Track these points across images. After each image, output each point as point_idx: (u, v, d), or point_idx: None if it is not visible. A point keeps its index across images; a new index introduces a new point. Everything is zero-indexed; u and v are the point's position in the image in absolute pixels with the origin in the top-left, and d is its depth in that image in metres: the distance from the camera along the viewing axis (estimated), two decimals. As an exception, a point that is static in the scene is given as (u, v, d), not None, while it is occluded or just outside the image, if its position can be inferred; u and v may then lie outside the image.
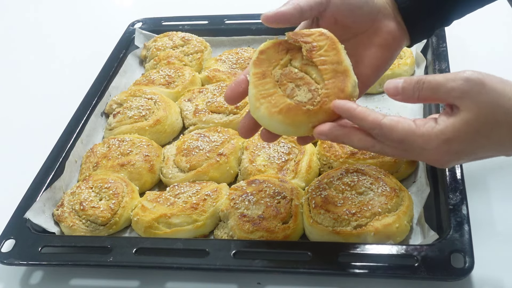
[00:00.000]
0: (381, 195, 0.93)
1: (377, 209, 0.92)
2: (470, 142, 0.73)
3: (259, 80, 0.82)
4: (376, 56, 0.91)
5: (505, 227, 0.95)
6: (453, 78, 0.72)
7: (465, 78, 0.72)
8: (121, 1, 1.97)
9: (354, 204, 0.93)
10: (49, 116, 1.36)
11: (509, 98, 0.71)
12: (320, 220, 0.93)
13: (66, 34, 1.74)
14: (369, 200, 0.93)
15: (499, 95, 0.71)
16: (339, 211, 0.92)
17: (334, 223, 0.92)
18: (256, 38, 1.47)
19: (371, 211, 0.91)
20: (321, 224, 0.93)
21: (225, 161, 1.10)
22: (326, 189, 0.97)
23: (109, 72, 1.37)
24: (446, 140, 0.73)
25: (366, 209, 0.92)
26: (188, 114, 1.24)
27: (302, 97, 0.81)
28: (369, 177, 0.96)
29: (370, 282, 0.89)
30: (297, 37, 0.83)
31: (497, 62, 1.33)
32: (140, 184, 1.11)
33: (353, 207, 0.92)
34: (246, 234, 0.95)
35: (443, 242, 0.86)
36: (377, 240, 0.90)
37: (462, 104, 0.72)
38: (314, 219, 0.94)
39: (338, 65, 0.81)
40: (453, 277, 0.82)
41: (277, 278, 0.92)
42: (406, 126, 0.74)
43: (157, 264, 0.91)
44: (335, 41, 0.82)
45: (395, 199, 0.93)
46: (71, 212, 1.04)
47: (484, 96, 0.71)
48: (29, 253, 0.95)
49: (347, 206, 0.93)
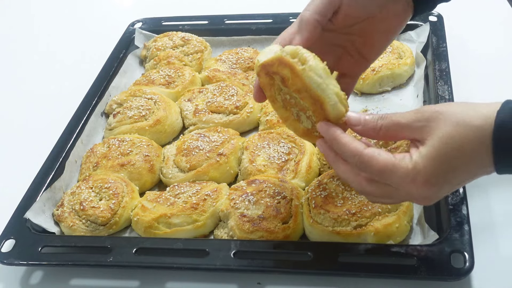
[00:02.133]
0: None
1: (377, 209, 0.92)
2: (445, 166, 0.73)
3: (274, 104, 0.87)
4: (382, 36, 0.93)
5: (505, 227, 0.95)
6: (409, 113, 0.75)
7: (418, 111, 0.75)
8: (121, 1, 1.97)
9: (354, 204, 0.93)
10: (49, 116, 1.36)
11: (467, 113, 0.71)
12: (320, 220, 0.94)
13: (66, 34, 1.74)
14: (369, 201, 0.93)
15: (457, 115, 0.72)
16: (339, 211, 0.92)
17: (334, 223, 0.92)
18: (256, 38, 1.47)
19: (371, 211, 0.92)
20: (321, 224, 0.93)
21: (225, 161, 1.10)
22: (326, 189, 0.97)
23: (109, 72, 1.37)
24: (421, 170, 0.73)
25: (366, 209, 0.92)
26: (188, 114, 1.24)
27: (307, 124, 0.84)
28: None
29: (370, 282, 0.89)
30: (265, 70, 0.82)
31: (497, 62, 1.33)
32: (140, 184, 1.11)
33: (353, 207, 0.92)
34: (246, 234, 0.95)
35: (443, 242, 0.86)
36: (377, 240, 0.90)
37: (424, 134, 0.73)
38: (314, 219, 0.94)
39: (308, 92, 0.78)
40: (453, 277, 0.82)
41: (277, 278, 0.92)
42: (386, 157, 0.75)
43: (157, 264, 0.91)
44: (293, 66, 0.78)
45: None
46: (71, 212, 1.04)
47: (443, 121, 0.72)
48: (29, 253, 0.95)
49: (347, 206, 0.93)
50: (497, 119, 0.70)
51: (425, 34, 1.31)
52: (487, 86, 1.26)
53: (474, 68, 1.31)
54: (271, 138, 1.12)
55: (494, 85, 1.26)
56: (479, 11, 0.95)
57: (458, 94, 1.13)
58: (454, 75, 1.17)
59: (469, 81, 1.26)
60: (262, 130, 1.19)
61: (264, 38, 1.46)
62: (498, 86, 1.25)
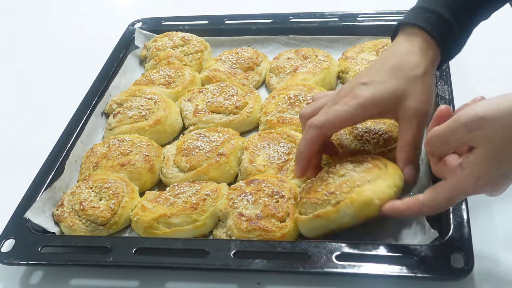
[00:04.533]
0: (362, 172, 0.90)
1: (356, 183, 0.88)
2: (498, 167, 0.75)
3: None
4: None
5: (505, 228, 0.95)
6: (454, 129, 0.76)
7: (463, 124, 0.75)
8: (121, 1, 1.97)
9: (334, 185, 0.90)
10: (49, 116, 1.37)
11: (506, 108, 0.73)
12: (304, 210, 0.92)
13: (66, 33, 1.74)
14: (349, 178, 0.90)
15: (498, 117, 0.73)
16: (319, 195, 0.90)
17: (316, 207, 0.90)
18: (256, 38, 1.47)
19: (350, 186, 0.88)
20: (305, 214, 0.92)
21: (225, 161, 1.10)
22: (311, 182, 0.96)
23: (109, 72, 1.37)
24: (477, 179, 0.76)
25: (345, 186, 0.89)
26: (188, 114, 1.24)
27: None
28: (354, 162, 0.94)
29: (369, 282, 0.89)
30: None
31: (497, 62, 1.33)
32: (140, 184, 1.11)
33: (332, 187, 0.90)
34: (244, 233, 0.95)
35: (443, 242, 0.86)
36: (357, 211, 0.87)
37: (475, 143, 0.75)
38: (299, 210, 0.94)
39: None
40: (453, 277, 0.82)
41: (277, 278, 0.92)
42: (442, 188, 0.80)
43: (157, 264, 0.91)
44: None
45: (377, 171, 0.90)
46: (71, 212, 1.04)
47: (488, 127, 0.73)
48: (29, 253, 0.95)
49: (326, 188, 0.91)
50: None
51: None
52: (487, 86, 1.26)
53: (474, 68, 1.31)
54: (271, 138, 1.12)
55: (494, 85, 1.25)
56: (479, 11, 0.95)
57: (458, 94, 1.13)
58: (454, 75, 1.17)
59: (469, 81, 1.26)
60: (262, 130, 1.19)
61: (264, 38, 1.46)
62: (498, 86, 1.24)
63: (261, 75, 1.35)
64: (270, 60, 1.40)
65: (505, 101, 0.74)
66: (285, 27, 1.46)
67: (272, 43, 1.46)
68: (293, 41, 1.44)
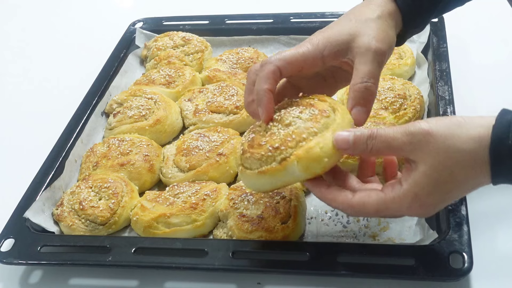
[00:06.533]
0: (308, 120, 0.80)
1: (302, 136, 0.79)
2: (437, 191, 0.74)
3: None
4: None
5: (504, 228, 0.95)
6: (401, 133, 0.74)
7: (410, 132, 0.73)
8: (122, 1, 1.97)
9: (278, 138, 0.80)
10: (49, 115, 1.37)
11: (459, 137, 0.71)
12: (249, 165, 0.83)
13: (67, 33, 1.74)
14: (294, 130, 0.80)
15: (448, 138, 0.71)
16: (262, 150, 0.81)
17: (261, 164, 0.81)
18: (257, 38, 1.47)
19: (295, 140, 0.79)
20: (250, 169, 0.83)
21: (224, 161, 1.10)
22: (255, 131, 0.86)
23: (110, 71, 1.37)
24: (414, 197, 0.74)
25: (290, 139, 0.79)
26: (188, 114, 1.24)
27: None
28: (300, 106, 0.84)
29: (368, 282, 0.89)
30: None
31: (497, 62, 1.33)
32: (140, 184, 1.11)
33: (276, 141, 0.80)
34: (245, 234, 0.95)
35: (442, 242, 0.86)
36: (304, 169, 0.78)
37: (416, 157, 0.73)
38: (243, 165, 0.84)
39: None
40: (452, 277, 0.82)
41: (277, 278, 0.92)
42: (375, 198, 0.77)
43: (156, 263, 0.91)
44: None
45: (324, 120, 0.80)
46: (70, 211, 1.04)
47: (433, 145, 0.72)
48: (29, 252, 0.95)
49: (271, 142, 0.80)
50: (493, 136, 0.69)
51: (425, 35, 1.31)
52: (487, 86, 1.26)
53: (474, 68, 1.30)
54: (271, 138, 1.12)
55: (494, 85, 1.25)
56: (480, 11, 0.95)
57: (458, 94, 1.13)
58: (454, 75, 1.17)
59: (469, 81, 1.26)
60: (262, 130, 1.18)
61: (264, 38, 1.46)
62: (498, 86, 1.25)
63: (261, 75, 1.35)
64: (270, 60, 1.39)
65: (453, 124, 0.72)
66: (285, 27, 1.46)
67: (273, 43, 1.46)
68: (293, 41, 1.44)
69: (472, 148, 0.70)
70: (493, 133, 0.69)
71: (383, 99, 1.16)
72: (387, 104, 1.15)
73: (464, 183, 0.73)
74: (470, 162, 0.71)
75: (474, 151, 0.70)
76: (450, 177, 0.72)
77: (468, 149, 0.70)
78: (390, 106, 1.15)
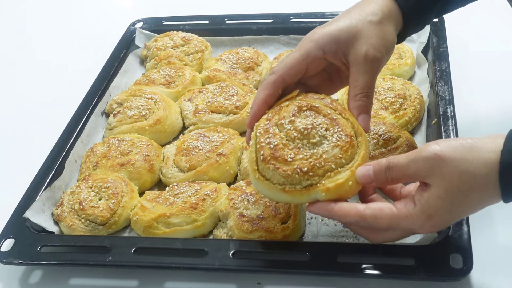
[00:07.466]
0: (336, 146, 0.83)
1: (331, 165, 0.82)
2: (450, 212, 0.76)
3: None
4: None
5: (504, 228, 0.95)
6: (414, 160, 0.77)
7: (424, 158, 0.76)
8: (122, 1, 1.97)
9: (306, 159, 0.83)
10: (50, 115, 1.37)
11: (471, 162, 0.73)
12: (269, 176, 0.84)
13: (67, 33, 1.74)
14: (322, 154, 0.83)
15: (461, 164, 0.74)
16: (290, 169, 0.82)
17: (284, 181, 0.83)
18: (257, 38, 1.47)
19: (324, 168, 0.82)
20: (269, 181, 0.84)
21: (224, 161, 1.10)
22: (276, 134, 0.85)
23: (110, 71, 1.37)
24: (428, 217, 0.76)
25: (318, 165, 0.82)
26: (188, 114, 1.24)
27: None
28: (323, 118, 0.86)
29: (368, 283, 0.89)
30: None
31: (497, 62, 1.33)
32: (140, 184, 1.11)
33: (305, 164, 0.82)
34: (245, 234, 0.95)
35: (442, 242, 0.86)
36: (326, 198, 0.82)
37: (431, 181, 0.76)
38: (261, 173, 0.85)
39: None
40: (452, 277, 0.82)
41: (277, 278, 0.92)
42: (388, 212, 0.79)
43: (156, 263, 0.91)
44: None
45: (350, 150, 0.84)
46: (70, 211, 1.04)
47: (447, 169, 0.74)
48: (29, 252, 0.95)
49: (299, 161, 0.83)
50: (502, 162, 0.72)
51: (425, 35, 1.31)
52: (487, 86, 1.26)
53: (474, 68, 1.30)
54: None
55: (494, 85, 1.25)
56: (480, 11, 0.95)
57: (458, 94, 1.13)
58: (454, 75, 1.17)
59: (469, 81, 1.26)
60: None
61: (264, 38, 1.46)
62: (498, 86, 1.25)
63: (261, 75, 1.35)
64: (270, 60, 1.40)
65: (464, 148, 0.74)
66: (285, 27, 1.46)
67: (273, 43, 1.46)
68: (293, 41, 1.44)
69: (484, 174, 0.73)
70: (502, 159, 0.72)
71: (383, 99, 1.16)
72: (387, 104, 1.15)
73: (478, 204, 0.76)
74: (483, 186, 0.74)
75: (486, 176, 0.73)
76: (465, 200, 0.75)
77: (480, 175, 0.73)
78: (390, 106, 1.15)
